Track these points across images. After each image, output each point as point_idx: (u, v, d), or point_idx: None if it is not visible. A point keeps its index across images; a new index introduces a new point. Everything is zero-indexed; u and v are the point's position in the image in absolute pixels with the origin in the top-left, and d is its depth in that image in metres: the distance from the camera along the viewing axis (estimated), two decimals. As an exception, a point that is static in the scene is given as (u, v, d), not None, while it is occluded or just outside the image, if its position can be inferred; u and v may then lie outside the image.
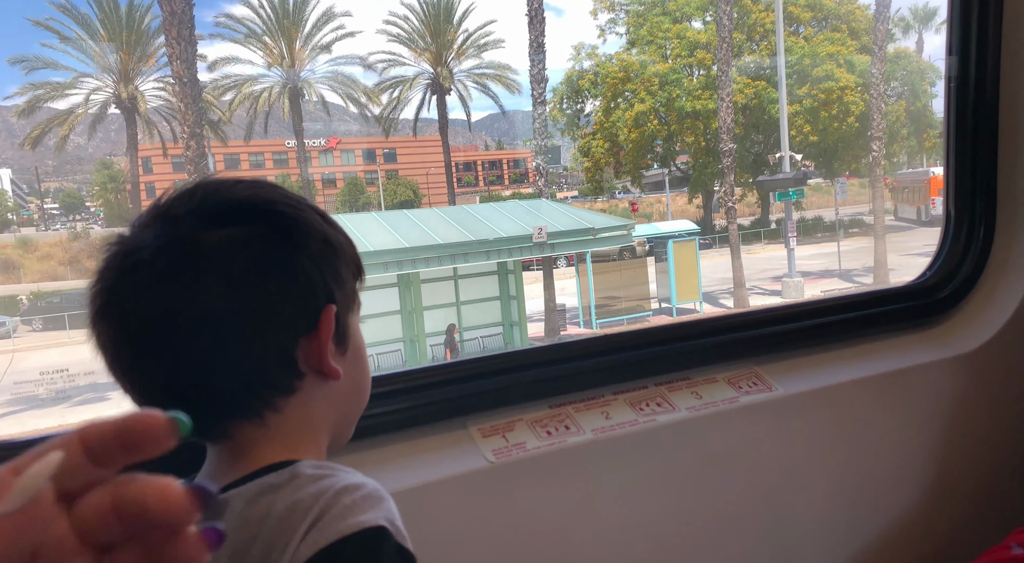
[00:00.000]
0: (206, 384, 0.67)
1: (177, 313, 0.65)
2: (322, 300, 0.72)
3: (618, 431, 1.32)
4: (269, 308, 0.68)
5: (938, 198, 26.95)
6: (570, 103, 32.41)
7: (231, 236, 0.67)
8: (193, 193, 0.71)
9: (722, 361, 1.49)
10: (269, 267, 0.68)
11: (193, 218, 0.68)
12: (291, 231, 0.71)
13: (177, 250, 0.66)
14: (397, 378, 1.28)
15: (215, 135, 29.36)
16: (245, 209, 0.70)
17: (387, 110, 34.12)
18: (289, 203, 0.73)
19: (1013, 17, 1.59)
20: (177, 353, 0.66)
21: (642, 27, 29.60)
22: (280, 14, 28.85)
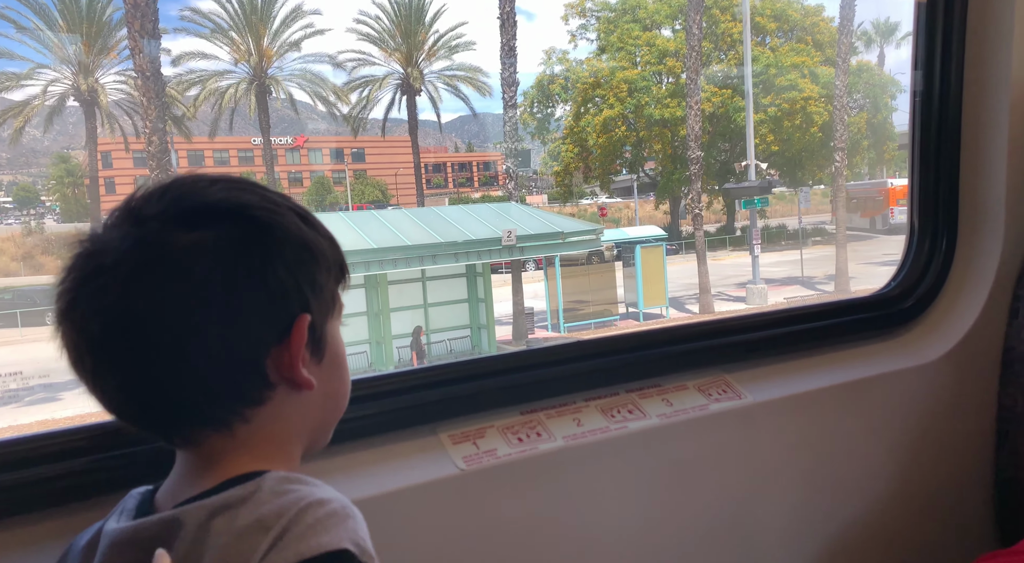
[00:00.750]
0: (169, 393, 0.66)
1: (140, 318, 0.63)
2: (295, 309, 0.69)
3: (589, 438, 1.31)
4: (236, 317, 0.65)
5: (897, 207, 27.82)
6: (540, 107, 32.56)
7: (199, 240, 0.64)
8: (164, 192, 0.68)
9: (692, 368, 1.50)
10: (238, 274, 0.65)
11: (162, 219, 0.66)
12: (265, 236, 0.68)
13: (142, 253, 0.64)
14: (366, 383, 1.26)
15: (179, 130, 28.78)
16: (217, 212, 0.67)
17: (356, 109, 33.86)
18: (265, 206, 0.70)
19: (976, 33, 1.63)
20: (138, 360, 0.64)
21: (612, 34, 29.88)
22: (248, 10, 28.41)
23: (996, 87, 1.61)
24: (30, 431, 1.06)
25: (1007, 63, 1.58)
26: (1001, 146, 1.61)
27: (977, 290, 1.64)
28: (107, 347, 0.64)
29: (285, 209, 0.71)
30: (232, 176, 0.73)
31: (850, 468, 1.56)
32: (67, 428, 1.04)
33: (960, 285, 1.67)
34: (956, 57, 1.64)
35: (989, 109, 1.63)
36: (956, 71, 1.65)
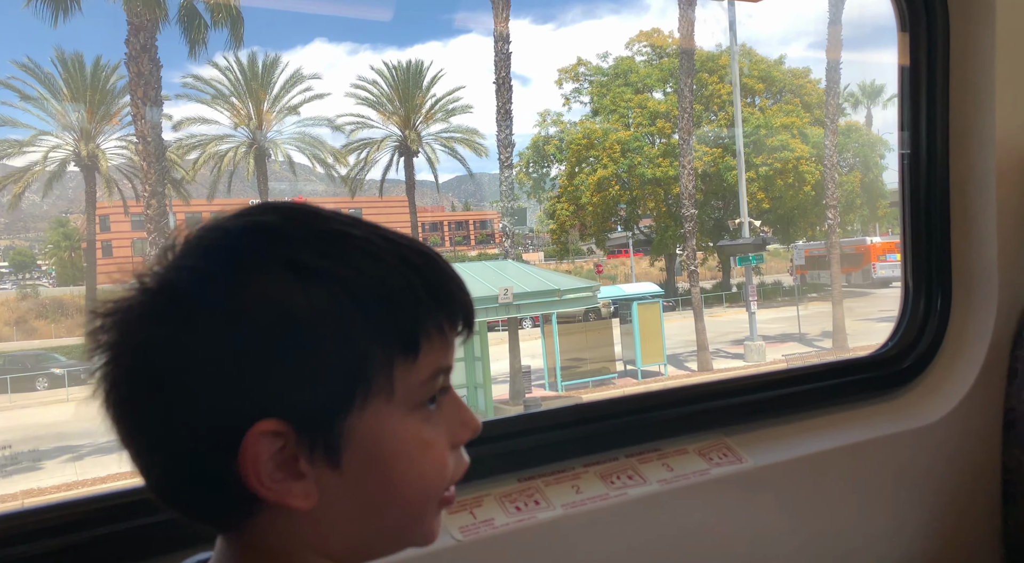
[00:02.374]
0: (151, 482, 0.58)
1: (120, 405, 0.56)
2: (259, 412, 0.53)
3: (589, 506, 1.28)
4: (212, 421, 0.54)
5: (879, 263, 28.44)
6: (536, 167, 33.17)
7: (157, 333, 0.55)
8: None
9: (691, 431, 1.48)
10: (201, 369, 0.53)
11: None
12: (244, 326, 0.53)
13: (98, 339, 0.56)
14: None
15: (177, 193, 29.14)
16: (177, 292, 0.55)
17: (354, 171, 34.42)
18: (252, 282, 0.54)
19: (959, 97, 1.67)
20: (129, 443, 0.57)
21: (605, 97, 30.74)
22: (248, 76, 29.20)
23: (982, 149, 1.64)
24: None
25: (991, 126, 1.62)
26: (990, 206, 1.63)
27: (974, 350, 1.64)
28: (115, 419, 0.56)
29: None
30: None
31: (854, 533, 1.52)
32: (118, 490, 1.03)
33: (957, 345, 1.67)
34: (941, 120, 1.68)
35: (976, 170, 1.66)
36: (942, 134, 1.68)
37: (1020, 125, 1.65)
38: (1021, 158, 1.64)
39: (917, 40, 1.70)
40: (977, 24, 1.63)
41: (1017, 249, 1.64)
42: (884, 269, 29.91)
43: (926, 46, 1.69)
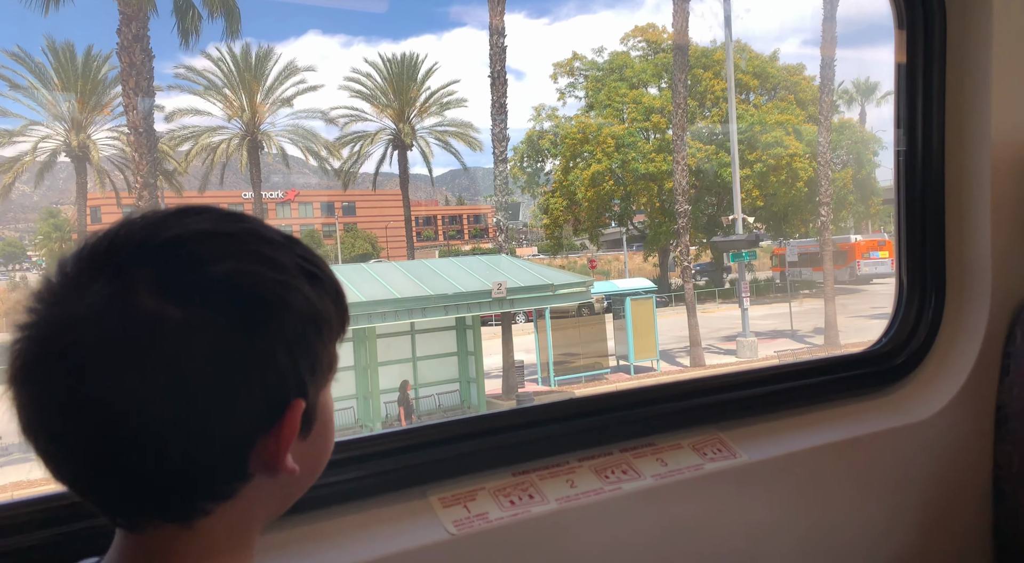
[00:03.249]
0: (130, 479, 0.57)
1: (110, 398, 0.55)
2: (290, 395, 0.61)
3: (583, 500, 1.28)
4: (225, 407, 0.57)
5: (863, 260, 29.00)
6: (530, 162, 33.14)
7: (194, 318, 0.56)
8: (158, 248, 0.58)
9: (686, 426, 1.48)
10: (233, 360, 0.57)
11: (149, 284, 0.56)
12: (269, 318, 0.59)
13: (122, 322, 0.55)
14: (352, 445, 1.23)
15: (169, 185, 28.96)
16: (218, 287, 0.58)
17: (347, 164, 34.28)
18: (275, 279, 0.60)
19: (955, 94, 1.67)
20: (99, 441, 0.56)
21: (600, 91, 30.71)
22: (242, 67, 29.00)
23: (977, 147, 1.64)
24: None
25: (986, 124, 1.62)
26: (984, 204, 1.64)
27: (967, 347, 1.64)
28: (67, 422, 0.56)
29: (295, 274, 0.62)
30: (234, 228, 0.63)
31: (846, 528, 1.52)
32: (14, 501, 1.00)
33: (950, 342, 1.68)
34: (937, 118, 1.68)
35: (971, 168, 1.66)
36: (938, 131, 1.68)
37: (1015, 123, 1.65)
38: (1016, 156, 1.65)
39: (914, 38, 1.70)
40: (974, 22, 1.63)
41: (1010, 247, 1.65)
42: (868, 266, 30.45)
43: (923, 44, 1.69)
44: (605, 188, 29.85)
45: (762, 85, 30.82)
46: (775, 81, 30.69)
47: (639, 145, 29.23)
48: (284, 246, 0.64)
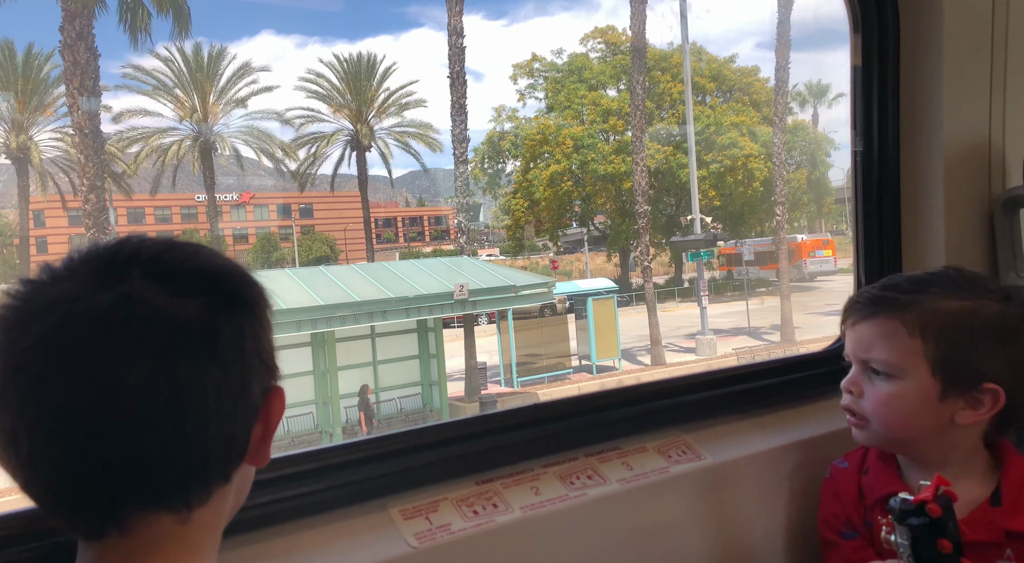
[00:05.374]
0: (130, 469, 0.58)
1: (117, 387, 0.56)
2: (274, 379, 0.68)
3: (548, 508, 1.25)
4: (229, 391, 0.62)
5: (809, 259, 30.32)
6: (491, 163, 33.15)
7: (192, 307, 0.60)
8: (137, 249, 0.63)
9: (651, 429, 1.47)
10: (235, 344, 0.62)
11: (145, 278, 0.60)
12: (254, 304, 0.66)
13: (129, 312, 0.58)
14: (309, 457, 1.18)
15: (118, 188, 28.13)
16: (206, 276, 0.64)
17: (304, 165, 33.77)
18: (248, 272, 0.68)
19: (909, 96, 1.70)
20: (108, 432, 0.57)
21: (559, 93, 30.88)
22: (193, 67, 28.33)
23: (931, 146, 1.67)
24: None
25: (939, 123, 1.65)
26: (938, 202, 1.66)
27: (926, 344, 1.67)
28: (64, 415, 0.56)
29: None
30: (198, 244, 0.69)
31: (812, 527, 1.53)
32: None
33: (909, 339, 1.70)
34: (892, 118, 1.71)
35: (925, 167, 1.69)
36: (892, 132, 1.71)
37: (966, 123, 1.68)
38: (968, 156, 1.68)
39: (869, 41, 1.73)
40: (925, 26, 1.66)
41: (964, 245, 1.68)
42: (813, 264, 31.57)
43: (877, 47, 1.72)
44: (564, 188, 30.04)
45: (718, 87, 31.41)
46: (731, 83, 31.30)
47: (598, 146, 29.48)
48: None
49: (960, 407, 1.11)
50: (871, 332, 1.17)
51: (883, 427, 1.17)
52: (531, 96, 32.90)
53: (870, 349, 1.16)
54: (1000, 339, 1.10)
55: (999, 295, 1.14)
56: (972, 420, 1.11)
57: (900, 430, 1.16)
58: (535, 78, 32.60)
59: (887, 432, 1.17)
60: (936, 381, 1.11)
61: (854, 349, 1.20)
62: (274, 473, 1.13)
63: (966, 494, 1.12)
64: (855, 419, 1.21)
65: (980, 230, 1.70)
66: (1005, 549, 1.10)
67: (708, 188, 28.31)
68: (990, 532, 1.11)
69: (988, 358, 1.09)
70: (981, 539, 1.11)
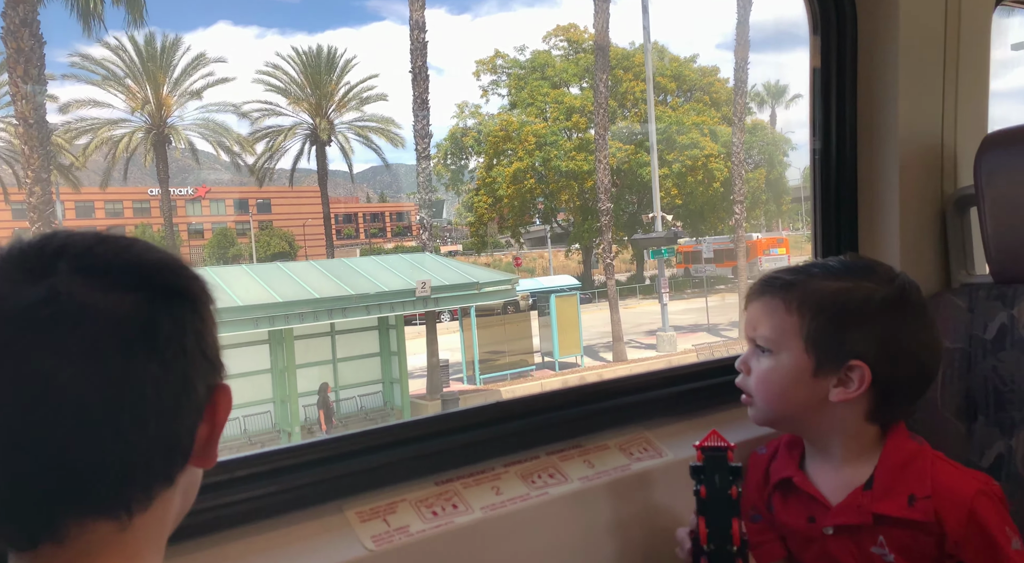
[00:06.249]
0: (64, 474, 0.55)
1: (48, 386, 0.54)
2: (220, 376, 0.65)
3: (509, 507, 1.24)
4: (170, 389, 0.59)
5: (764, 257, 31.36)
6: (454, 159, 33.01)
7: (127, 303, 0.57)
8: (63, 245, 0.59)
9: (613, 426, 1.46)
10: (176, 340, 0.60)
11: (72, 274, 0.57)
12: (194, 299, 0.63)
13: (57, 307, 0.55)
14: (261, 459, 1.15)
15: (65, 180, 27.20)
16: (148, 271, 0.61)
17: (262, 160, 33.16)
18: (187, 265, 0.65)
19: (866, 97, 1.73)
20: (38, 436, 0.54)
21: (523, 90, 30.89)
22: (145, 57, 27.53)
23: (887, 146, 1.71)
24: None
25: (894, 123, 1.69)
26: (894, 201, 1.70)
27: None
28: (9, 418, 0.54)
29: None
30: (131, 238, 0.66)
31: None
32: None
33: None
34: (849, 118, 1.74)
35: (882, 167, 1.72)
36: (850, 132, 1.74)
37: (920, 124, 1.72)
38: (922, 156, 1.72)
39: (828, 43, 1.76)
40: (882, 29, 1.69)
41: (918, 240, 1.72)
42: (768, 262, 32.61)
43: (836, 49, 1.75)
44: (527, 185, 30.10)
45: (679, 87, 31.82)
46: (691, 83, 31.74)
47: (561, 143, 29.60)
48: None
49: (832, 384, 1.15)
50: (758, 311, 1.21)
51: (764, 402, 1.21)
52: (494, 92, 32.89)
53: (756, 327, 1.21)
54: (869, 318, 1.14)
55: (884, 279, 1.17)
56: (842, 397, 1.14)
57: (779, 405, 1.20)
58: (498, 74, 32.58)
59: (768, 407, 1.21)
60: (809, 357, 1.15)
61: (745, 328, 1.25)
62: (224, 476, 1.09)
63: (849, 477, 1.18)
64: (745, 397, 1.25)
65: (933, 228, 1.74)
66: (878, 535, 1.14)
67: (670, 187, 28.69)
68: (859, 515, 1.14)
69: (857, 336, 1.14)
70: (851, 522, 1.15)
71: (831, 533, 1.18)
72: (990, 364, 1.44)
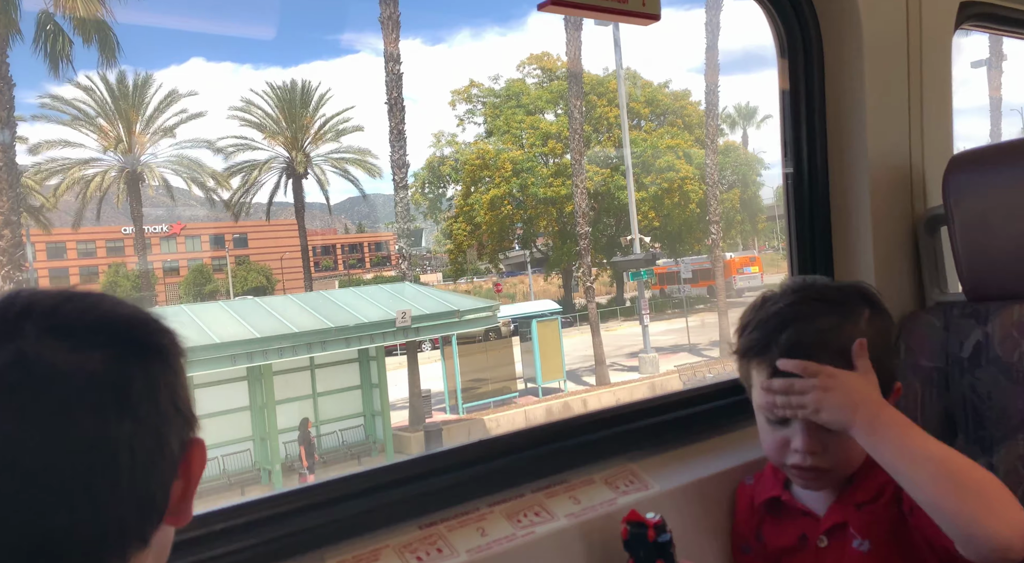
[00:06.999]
0: (47, 542, 0.54)
1: (14, 454, 0.52)
2: (192, 431, 0.64)
3: (495, 548, 1.21)
4: (144, 448, 0.58)
5: (738, 276, 31.82)
6: (432, 188, 33.10)
7: (89, 362, 0.56)
8: (28, 305, 0.58)
9: (598, 460, 1.44)
10: (147, 397, 0.59)
11: (39, 333, 0.56)
12: (164, 353, 0.62)
13: (24, 372, 0.54)
14: (237, 511, 1.11)
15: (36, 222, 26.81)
16: (116, 328, 0.60)
17: (238, 194, 32.99)
18: (156, 319, 0.64)
19: (835, 120, 1.76)
20: (11, 505, 0.52)
21: (498, 118, 31.19)
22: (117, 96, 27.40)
23: (857, 168, 1.73)
24: None
25: (863, 145, 1.71)
26: (866, 222, 1.71)
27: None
28: None
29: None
30: (96, 294, 0.64)
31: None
32: None
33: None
34: (820, 140, 1.76)
35: (853, 188, 1.74)
36: (821, 153, 1.76)
37: (889, 145, 1.75)
38: (891, 176, 1.74)
39: (795, 65, 1.78)
40: (847, 52, 1.72)
41: (891, 260, 1.73)
42: (742, 280, 33.19)
43: (803, 71, 1.77)
44: (505, 212, 30.23)
45: (652, 111, 32.33)
46: (664, 107, 32.27)
47: (537, 170, 29.84)
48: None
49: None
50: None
51: (847, 468, 1.16)
52: (470, 121, 33.16)
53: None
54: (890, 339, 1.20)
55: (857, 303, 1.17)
56: None
57: (858, 462, 1.15)
58: (473, 103, 32.89)
59: (849, 470, 1.16)
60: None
61: (790, 406, 1.12)
62: (199, 531, 1.05)
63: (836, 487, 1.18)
64: (813, 474, 1.15)
65: (906, 247, 1.76)
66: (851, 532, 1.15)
67: (648, 209, 28.98)
68: (844, 513, 1.16)
69: (895, 361, 1.20)
70: (837, 521, 1.17)
71: (825, 545, 1.17)
72: (967, 382, 1.45)
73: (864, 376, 1.09)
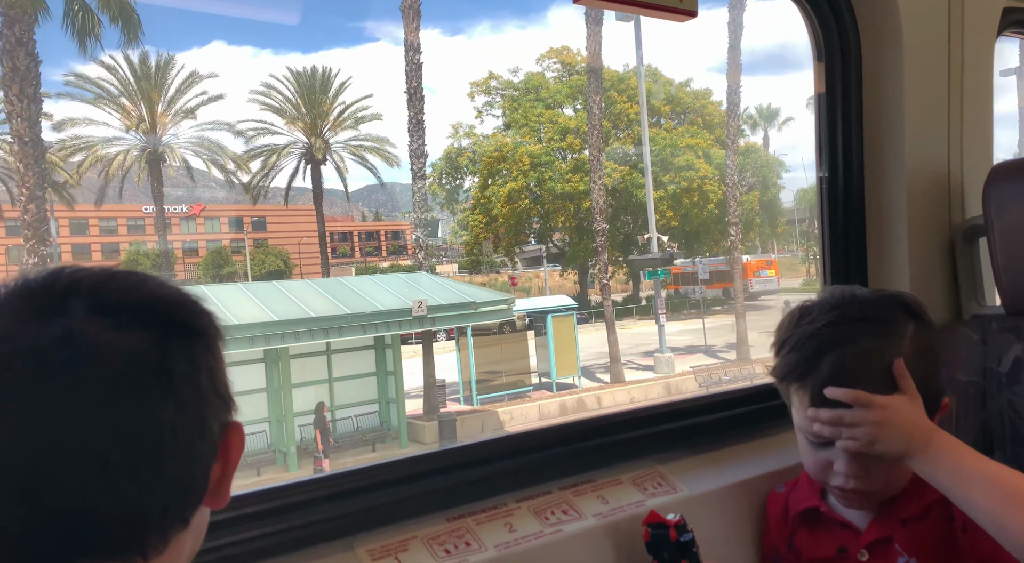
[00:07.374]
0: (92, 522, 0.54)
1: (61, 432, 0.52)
2: (232, 414, 0.64)
3: (523, 545, 1.21)
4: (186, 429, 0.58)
5: (754, 279, 31.64)
6: (449, 179, 33.10)
7: (138, 341, 0.56)
8: (93, 283, 0.58)
9: (625, 460, 1.43)
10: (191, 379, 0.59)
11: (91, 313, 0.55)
12: (207, 336, 0.62)
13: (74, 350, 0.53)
14: (270, 495, 1.12)
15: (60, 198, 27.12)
16: (153, 307, 0.59)
17: (257, 178, 33.17)
18: (197, 301, 0.63)
19: (871, 121, 1.73)
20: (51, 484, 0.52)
21: (517, 111, 31.09)
22: (140, 76, 27.61)
23: (894, 173, 1.70)
24: None
25: (901, 151, 1.68)
26: (902, 230, 1.69)
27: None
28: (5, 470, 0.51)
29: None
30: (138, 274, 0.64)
31: (786, 557, 1.51)
32: None
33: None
34: (856, 145, 1.74)
35: (889, 195, 1.71)
36: (857, 159, 1.74)
37: (927, 153, 1.72)
38: (928, 185, 1.71)
39: (832, 69, 1.76)
40: (887, 57, 1.69)
41: (927, 270, 1.71)
42: (758, 284, 32.95)
43: (840, 76, 1.75)
44: (522, 206, 30.19)
45: (673, 110, 32.09)
46: (684, 106, 32.02)
47: (555, 164, 29.74)
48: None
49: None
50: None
51: (892, 490, 1.14)
52: (488, 113, 33.09)
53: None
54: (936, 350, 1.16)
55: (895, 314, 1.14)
56: None
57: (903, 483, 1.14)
58: (492, 96, 32.80)
59: (894, 492, 1.15)
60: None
61: (845, 445, 1.08)
62: (233, 513, 1.06)
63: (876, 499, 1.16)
64: (857, 495, 1.13)
65: (943, 258, 1.73)
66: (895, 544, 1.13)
67: (665, 208, 28.82)
68: (888, 527, 1.14)
69: (940, 374, 1.16)
70: (881, 535, 1.15)
71: (866, 559, 1.16)
72: (1005, 398, 1.43)
73: (911, 400, 1.06)
